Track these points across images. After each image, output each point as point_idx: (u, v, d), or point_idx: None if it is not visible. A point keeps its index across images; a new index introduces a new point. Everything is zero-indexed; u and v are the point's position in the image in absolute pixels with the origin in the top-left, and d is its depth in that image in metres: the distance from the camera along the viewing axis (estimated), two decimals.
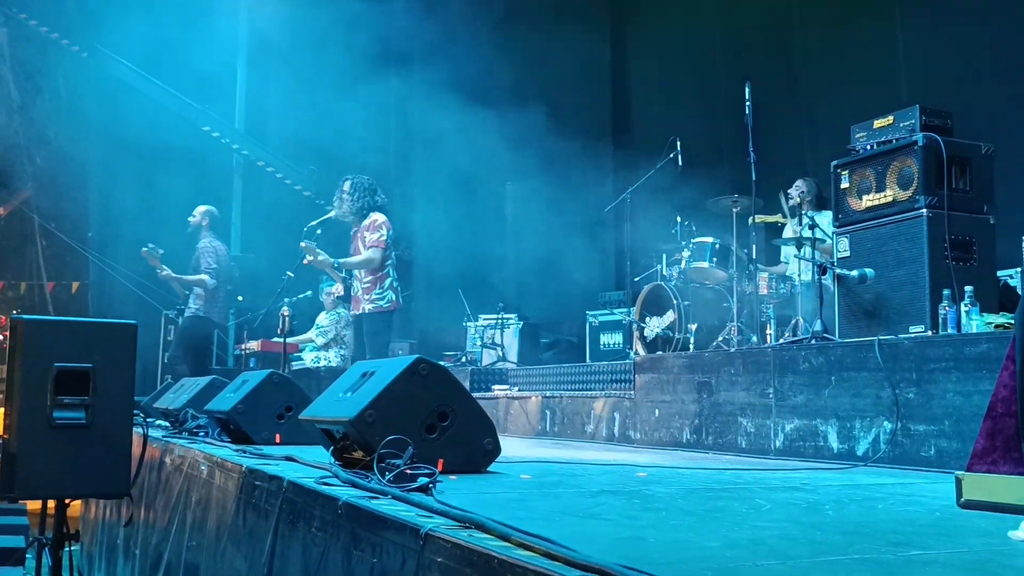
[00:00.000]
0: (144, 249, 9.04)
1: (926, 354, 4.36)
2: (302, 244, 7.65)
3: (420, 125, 12.64)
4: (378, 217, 7.79)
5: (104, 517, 6.81)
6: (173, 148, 11.60)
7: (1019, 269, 6.02)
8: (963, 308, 4.91)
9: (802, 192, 7.66)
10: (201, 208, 9.43)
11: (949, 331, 4.88)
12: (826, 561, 1.81)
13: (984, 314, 4.86)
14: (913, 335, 5.01)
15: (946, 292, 5.03)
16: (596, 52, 12.58)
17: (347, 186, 7.87)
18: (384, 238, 7.72)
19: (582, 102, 11.96)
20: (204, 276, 9.11)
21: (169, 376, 9.40)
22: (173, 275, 9.17)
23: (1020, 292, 6.05)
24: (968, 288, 4.95)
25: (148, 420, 5.35)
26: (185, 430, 5.75)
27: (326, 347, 10.38)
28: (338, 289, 8.09)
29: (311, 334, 10.57)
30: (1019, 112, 7.21)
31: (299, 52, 11.21)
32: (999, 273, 5.83)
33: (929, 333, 5.02)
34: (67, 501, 3.67)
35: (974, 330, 4.74)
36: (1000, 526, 2.18)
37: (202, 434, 5.56)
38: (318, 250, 7.62)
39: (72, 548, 3.97)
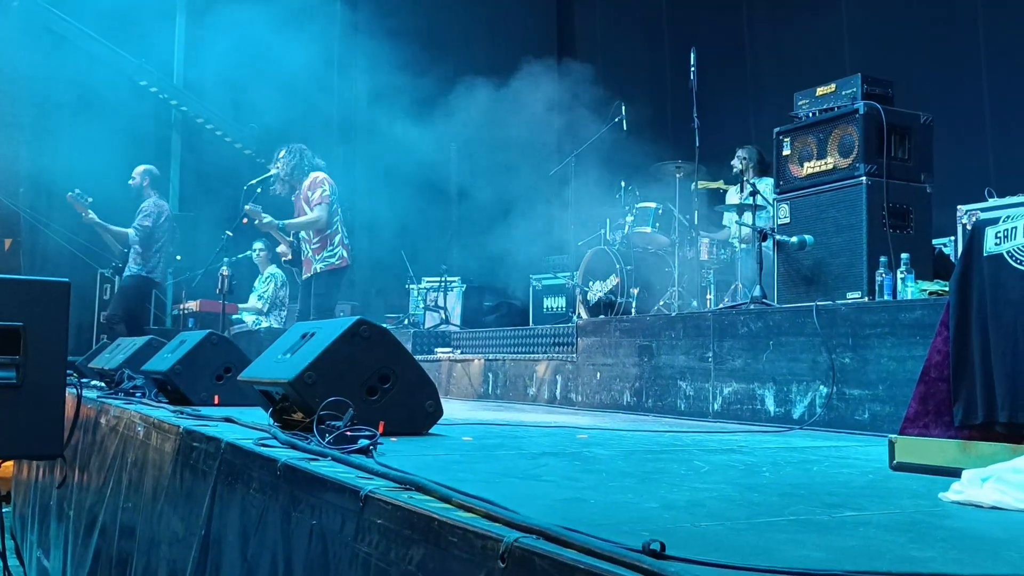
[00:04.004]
0: (70, 194, 8.78)
1: (862, 320, 4.44)
2: (246, 207, 7.37)
3: (364, 84, 12.47)
4: (318, 174, 7.57)
5: (37, 478, 6.68)
6: (109, 103, 11.26)
7: (953, 238, 6.14)
8: (899, 275, 5.00)
9: (744, 159, 7.72)
10: (140, 168, 9.20)
11: (885, 297, 4.98)
12: (763, 522, 1.84)
13: (919, 281, 4.96)
14: (850, 301, 5.09)
15: (883, 259, 5.12)
16: (543, 16, 12.50)
17: (283, 153, 7.63)
18: (327, 193, 7.47)
19: (528, 64, 11.89)
20: (129, 230, 8.92)
21: (105, 336, 9.22)
22: (97, 220, 8.93)
23: (954, 260, 6.18)
24: (904, 255, 5.04)
25: (83, 380, 5.25)
26: (121, 391, 5.65)
27: (268, 312, 10.25)
28: (284, 251, 7.93)
29: (254, 302, 10.42)
30: (958, 82, 7.33)
31: (240, 4, 10.93)
32: (934, 241, 5.95)
33: (866, 299, 5.11)
34: None
35: (909, 297, 4.84)
36: (931, 488, 2.23)
37: (139, 395, 5.46)
38: (263, 213, 7.37)
39: (4, 510, 3.89)
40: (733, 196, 7.80)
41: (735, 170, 7.75)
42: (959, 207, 5.56)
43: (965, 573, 1.36)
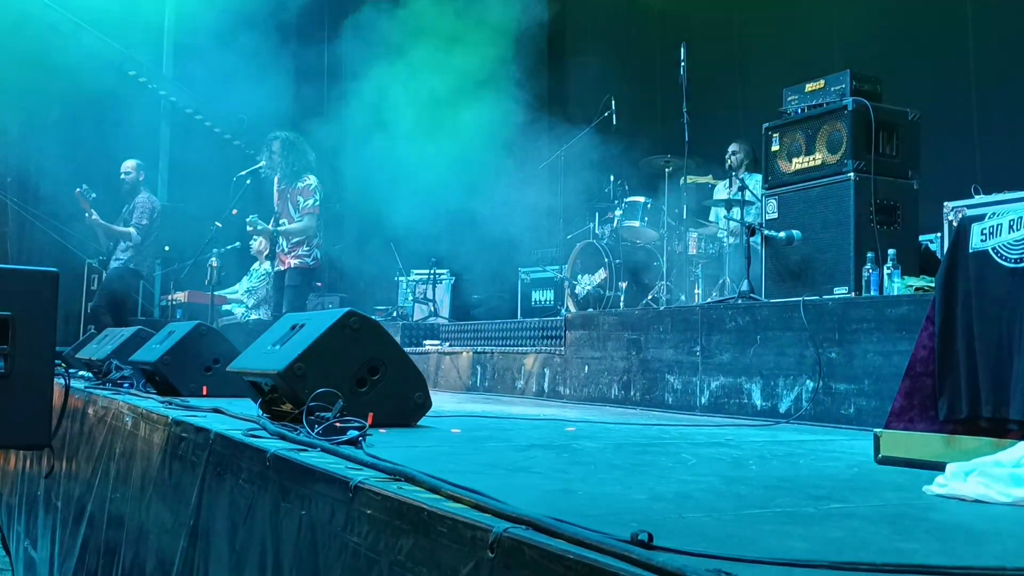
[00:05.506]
0: (78, 190, 8.83)
1: (849, 315, 4.46)
2: (246, 220, 7.86)
3: (353, 76, 12.44)
4: (311, 180, 7.91)
5: (24, 468, 6.67)
6: (97, 92, 11.20)
7: (940, 234, 6.18)
8: (886, 271, 5.03)
9: (736, 155, 7.74)
10: (132, 163, 9.26)
11: (872, 293, 5.00)
12: (749, 514, 1.85)
13: (905, 277, 4.98)
14: (837, 296, 5.12)
15: (870, 255, 5.15)
16: (533, 8, 12.47)
17: (276, 146, 7.87)
18: (318, 203, 7.92)
19: (518, 58, 11.89)
20: (131, 230, 8.95)
21: (92, 326, 9.19)
22: (101, 221, 8.95)
23: (940, 256, 6.21)
24: (891, 251, 5.07)
25: (70, 371, 5.24)
26: (109, 381, 5.64)
27: (256, 306, 10.21)
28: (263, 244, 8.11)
29: (241, 294, 10.36)
30: (945, 79, 7.36)
31: None
32: (921, 237, 5.99)
33: (852, 295, 5.14)
34: None
35: (895, 292, 4.86)
36: (915, 481, 2.25)
37: (126, 385, 5.45)
38: (259, 222, 7.82)
39: None
40: (721, 191, 7.82)
41: (728, 164, 7.77)
42: (946, 203, 5.59)
43: (948, 565, 1.38)
